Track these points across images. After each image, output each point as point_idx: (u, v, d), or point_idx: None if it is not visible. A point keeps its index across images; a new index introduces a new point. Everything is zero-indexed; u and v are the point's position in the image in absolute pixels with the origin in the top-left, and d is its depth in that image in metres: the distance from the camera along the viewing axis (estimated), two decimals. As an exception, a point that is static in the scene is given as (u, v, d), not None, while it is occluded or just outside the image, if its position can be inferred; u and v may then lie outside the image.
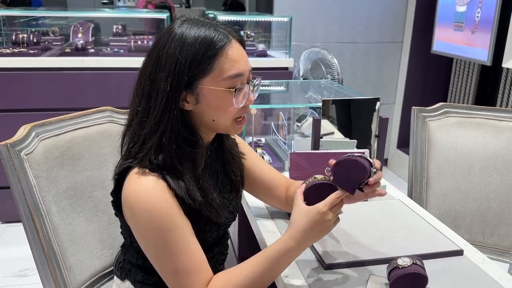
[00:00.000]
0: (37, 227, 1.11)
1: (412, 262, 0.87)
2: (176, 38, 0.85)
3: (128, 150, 0.90)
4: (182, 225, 0.86)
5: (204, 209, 0.90)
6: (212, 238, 1.00)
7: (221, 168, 1.03)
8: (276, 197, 1.18)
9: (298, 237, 0.87)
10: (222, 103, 0.88)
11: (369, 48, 3.57)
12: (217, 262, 1.07)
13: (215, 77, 0.86)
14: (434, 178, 1.54)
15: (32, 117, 1.47)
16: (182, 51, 0.83)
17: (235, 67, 0.87)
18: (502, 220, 1.49)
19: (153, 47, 0.89)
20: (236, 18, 3.02)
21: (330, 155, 1.31)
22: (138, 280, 1.00)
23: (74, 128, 1.25)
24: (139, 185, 0.85)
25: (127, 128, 0.92)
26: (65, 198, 1.20)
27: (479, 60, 2.89)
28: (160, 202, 0.84)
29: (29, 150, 1.12)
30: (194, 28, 0.85)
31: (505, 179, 1.48)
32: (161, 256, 0.87)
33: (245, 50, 0.91)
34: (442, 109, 1.55)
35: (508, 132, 1.49)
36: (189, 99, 0.87)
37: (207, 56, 0.84)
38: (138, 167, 0.86)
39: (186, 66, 0.83)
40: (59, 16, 3.11)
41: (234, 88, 0.87)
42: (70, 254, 1.19)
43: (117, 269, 1.07)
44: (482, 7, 2.81)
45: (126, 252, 1.04)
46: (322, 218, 0.86)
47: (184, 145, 0.87)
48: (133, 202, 0.85)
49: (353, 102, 1.55)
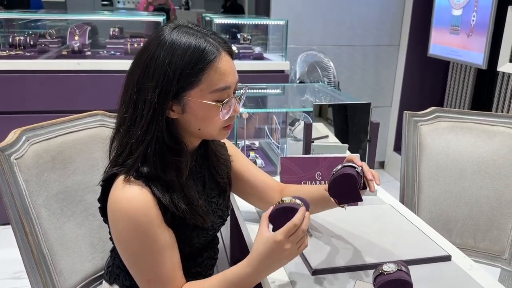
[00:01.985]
0: (26, 231, 1.12)
1: (397, 268, 0.87)
2: (166, 47, 0.84)
3: (116, 158, 0.90)
4: (159, 238, 0.88)
5: (188, 216, 0.91)
6: (200, 243, 1.00)
7: (208, 172, 1.04)
8: (268, 201, 1.17)
9: (255, 264, 0.86)
10: (208, 115, 0.88)
11: (366, 51, 3.58)
12: (206, 267, 1.07)
13: (203, 90, 0.86)
14: (426, 182, 1.55)
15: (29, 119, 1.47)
16: (171, 63, 0.83)
17: (223, 80, 0.87)
18: (493, 225, 1.49)
19: (142, 53, 0.88)
20: (233, 21, 3.03)
21: (320, 159, 1.31)
22: (126, 285, 1.01)
23: (65, 132, 1.25)
24: (123, 194, 0.86)
25: (115, 133, 0.93)
26: (56, 202, 1.21)
27: (474, 64, 2.90)
28: (141, 215, 0.85)
29: (19, 154, 1.12)
30: (184, 38, 0.84)
31: (496, 183, 1.48)
32: (135, 265, 0.90)
33: (233, 61, 0.91)
34: (434, 113, 1.55)
35: (499, 136, 1.49)
36: (175, 108, 0.87)
37: (196, 70, 0.84)
38: (124, 175, 0.87)
39: (174, 78, 0.83)
40: (57, 18, 3.12)
41: (221, 101, 0.87)
42: (60, 258, 1.20)
43: (106, 273, 1.08)
44: (478, 11, 2.82)
45: (115, 257, 1.04)
46: (279, 247, 0.84)
47: (169, 154, 0.88)
48: (116, 210, 0.87)
49: (345, 106, 1.56)
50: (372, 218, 1.26)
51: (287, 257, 0.86)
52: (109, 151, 0.95)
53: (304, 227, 0.85)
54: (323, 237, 1.13)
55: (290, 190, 1.17)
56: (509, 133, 1.48)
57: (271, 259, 0.85)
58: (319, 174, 1.31)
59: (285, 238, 0.83)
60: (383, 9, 3.52)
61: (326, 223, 1.20)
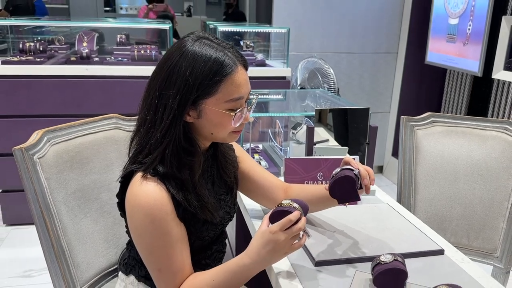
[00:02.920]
0: (47, 226, 1.19)
1: (393, 259, 0.95)
2: (188, 58, 0.91)
3: (135, 156, 0.98)
4: (172, 232, 0.95)
5: (199, 211, 0.99)
6: (209, 237, 1.08)
7: (216, 172, 1.11)
8: (273, 199, 1.25)
9: (252, 255, 0.94)
10: (221, 122, 0.96)
11: (365, 58, 3.67)
12: (215, 260, 1.15)
13: (219, 99, 0.94)
14: (422, 183, 1.63)
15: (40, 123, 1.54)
16: (192, 73, 0.91)
17: (237, 92, 0.95)
18: (486, 224, 1.57)
19: (165, 61, 0.95)
20: (236, 29, 3.12)
21: (322, 161, 1.40)
22: (142, 275, 1.08)
23: (83, 134, 1.33)
24: (141, 189, 0.93)
25: (135, 133, 1.01)
26: (74, 199, 1.28)
27: (470, 71, 2.98)
28: (157, 209, 0.93)
29: (41, 154, 1.20)
30: (205, 50, 0.92)
31: (489, 185, 1.56)
32: (149, 255, 0.97)
33: (247, 73, 0.99)
34: (430, 118, 1.63)
35: (491, 140, 1.57)
36: (191, 113, 0.95)
37: (215, 81, 0.92)
38: (142, 172, 0.95)
39: (194, 87, 0.91)
40: (65, 25, 3.21)
41: (234, 111, 0.95)
42: (78, 252, 1.27)
43: (122, 265, 1.15)
44: (473, 20, 2.91)
45: (131, 249, 1.12)
46: (273, 238, 0.91)
47: (184, 155, 0.96)
48: (134, 205, 0.95)
49: (345, 111, 1.64)
50: (371, 216, 1.34)
51: (281, 249, 0.92)
52: (128, 149, 1.03)
53: (300, 226, 0.92)
54: (325, 232, 1.21)
55: (293, 189, 1.25)
56: (500, 137, 1.56)
57: (266, 250, 0.92)
58: (320, 174, 1.39)
59: (280, 230, 0.91)
60: (381, 18, 3.61)
61: (328, 220, 1.28)
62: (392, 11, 3.62)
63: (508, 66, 2.67)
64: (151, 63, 2.82)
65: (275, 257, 0.94)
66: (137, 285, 1.09)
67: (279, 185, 1.25)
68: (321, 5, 3.47)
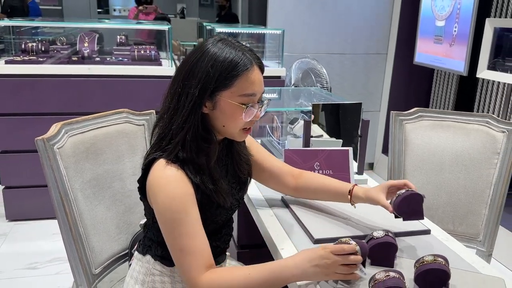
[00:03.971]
0: (66, 211, 1.28)
1: (385, 234, 1.06)
2: (211, 53, 1.03)
3: (158, 142, 1.08)
4: (192, 212, 1.04)
5: (214, 195, 1.09)
6: (222, 220, 1.18)
7: (231, 163, 1.21)
8: (283, 185, 1.36)
9: (296, 260, 1.00)
10: (233, 114, 1.06)
11: (356, 59, 3.80)
12: (224, 242, 1.25)
13: (233, 92, 1.04)
14: (410, 173, 1.75)
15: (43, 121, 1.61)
16: (213, 66, 1.02)
17: (251, 88, 1.05)
18: (469, 211, 1.69)
19: (190, 56, 1.07)
20: (233, 30, 3.22)
21: (318, 151, 1.51)
22: (158, 255, 1.17)
23: (97, 127, 1.43)
24: (163, 174, 1.03)
25: (158, 120, 1.11)
26: (89, 188, 1.38)
27: (456, 71, 3.12)
28: (178, 191, 1.02)
29: (60, 144, 1.30)
30: (226, 48, 1.04)
31: (472, 174, 1.69)
32: (171, 234, 1.03)
33: (262, 74, 1.10)
34: (417, 113, 1.76)
35: (474, 133, 1.70)
36: (207, 104, 1.06)
37: (232, 75, 1.02)
38: (164, 159, 1.05)
39: (214, 78, 1.02)
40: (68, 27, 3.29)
41: (246, 105, 1.05)
42: (93, 237, 1.37)
43: (138, 245, 1.24)
44: (459, 22, 3.05)
45: (148, 230, 1.20)
46: (321, 254, 0.96)
47: (201, 141, 1.06)
48: (157, 187, 1.04)
49: (339, 106, 1.76)
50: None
51: (324, 269, 0.96)
52: (151, 135, 1.13)
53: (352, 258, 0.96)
54: (322, 214, 1.32)
55: (305, 176, 1.35)
56: (482, 130, 1.69)
57: (311, 263, 0.97)
58: (317, 164, 1.50)
59: (330, 251, 0.96)
60: (372, 20, 3.75)
61: (325, 203, 1.38)
62: (382, 14, 3.75)
63: (491, 66, 2.81)
64: (150, 63, 2.92)
65: (315, 274, 0.98)
66: (153, 264, 1.17)
67: (288, 171, 1.36)
68: (314, 8, 3.59)
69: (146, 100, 2.78)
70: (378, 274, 0.92)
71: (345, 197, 1.26)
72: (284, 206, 1.41)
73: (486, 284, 1.03)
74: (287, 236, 1.23)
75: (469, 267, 1.11)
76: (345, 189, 1.27)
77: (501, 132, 1.64)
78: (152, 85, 2.82)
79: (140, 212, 1.53)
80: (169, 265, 1.15)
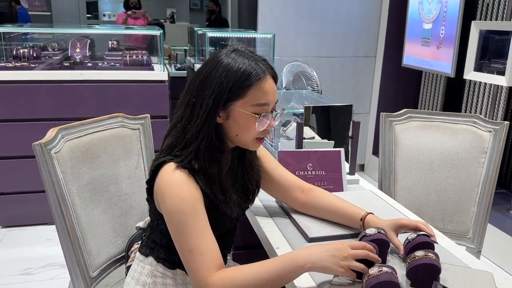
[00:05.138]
0: (64, 215, 1.30)
1: (377, 231, 1.10)
2: (225, 63, 1.04)
3: (170, 149, 1.08)
4: (201, 213, 1.04)
5: (222, 205, 1.09)
6: (226, 229, 1.19)
7: (241, 173, 1.22)
8: (291, 198, 1.35)
9: (312, 250, 0.99)
10: (246, 124, 1.07)
11: (346, 62, 3.85)
12: (226, 248, 1.25)
13: (246, 102, 1.05)
14: (401, 173, 1.79)
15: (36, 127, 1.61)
16: (227, 76, 1.03)
17: (264, 98, 1.06)
18: (459, 209, 1.74)
19: (204, 66, 1.08)
20: (224, 35, 3.26)
21: (311, 153, 1.54)
22: (161, 257, 1.17)
23: (93, 131, 1.44)
24: (173, 176, 1.03)
25: (171, 129, 1.11)
26: (86, 191, 1.39)
27: (444, 73, 3.18)
28: (187, 192, 1.02)
29: (57, 149, 1.31)
30: (240, 58, 1.05)
31: (460, 173, 1.73)
32: (180, 235, 1.02)
33: (276, 84, 1.10)
34: (406, 114, 1.80)
35: (462, 133, 1.74)
36: (221, 114, 1.06)
37: (245, 85, 1.03)
38: (174, 163, 1.05)
39: (227, 88, 1.03)
40: (57, 32, 3.30)
41: (259, 114, 1.06)
42: (90, 240, 1.38)
43: (141, 246, 1.24)
44: (446, 25, 3.11)
45: (152, 232, 1.20)
46: (338, 247, 0.97)
47: (214, 151, 1.07)
48: (166, 189, 1.04)
49: (331, 108, 1.80)
50: (356, 199, 1.47)
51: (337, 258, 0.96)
52: (162, 143, 1.13)
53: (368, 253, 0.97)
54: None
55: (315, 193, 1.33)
56: (470, 130, 1.74)
57: (328, 252, 0.97)
58: (310, 165, 1.53)
59: (349, 245, 0.98)
60: (360, 24, 3.80)
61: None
62: (370, 17, 3.81)
63: (478, 68, 2.87)
64: (142, 67, 2.93)
65: (332, 263, 0.96)
66: (155, 266, 1.17)
67: (298, 185, 1.34)
68: (304, 12, 3.64)
69: (139, 104, 2.80)
70: (371, 269, 0.95)
71: (356, 223, 1.24)
72: (279, 207, 1.44)
73: (475, 278, 1.07)
74: (282, 235, 1.26)
75: (459, 262, 1.15)
76: (357, 215, 1.24)
77: (488, 131, 1.69)
78: (145, 89, 2.84)
79: (136, 215, 1.55)
80: (171, 268, 1.16)
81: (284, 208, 1.40)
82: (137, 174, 1.57)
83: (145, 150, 1.59)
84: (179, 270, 1.16)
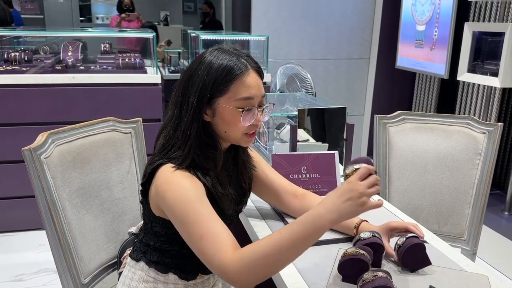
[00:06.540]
0: (54, 221, 1.27)
1: (372, 235, 1.08)
2: (207, 62, 1.05)
3: (165, 151, 1.08)
4: (205, 201, 1.02)
5: (222, 200, 1.09)
6: None
7: (235, 174, 1.22)
8: (284, 203, 1.33)
9: (327, 204, 0.90)
10: (232, 119, 1.06)
11: (339, 64, 3.85)
12: None
13: (230, 97, 1.05)
14: (395, 176, 1.78)
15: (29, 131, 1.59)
16: (209, 73, 1.04)
17: (247, 92, 1.05)
18: (453, 211, 1.73)
19: (188, 68, 1.09)
20: (217, 37, 3.25)
21: (305, 156, 1.53)
22: (153, 261, 1.15)
23: (83, 136, 1.42)
24: (173, 175, 1.02)
25: (162, 129, 1.11)
26: (77, 197, 1.37)
27: (438, 74, 3.19)
28: (189, 183, 1.01)
29: (47, 154, 1.29)
30: (221, 55, 1.05)
31: (455, 175, 1.73)
32: (187, 225, 0.98)
33: (261, 79, 1.09)
34: (400, 116, 1.79)
35: (456, 135, 1.74)
36: (208, 112, 1.07)
37: (226, 80, 1.04)
38: (172, 164, 1.04)
39: (209, 85, 1.03)
40: (50, 35, 3.27)
41: (243, 108, 1.06)
42: (81, 246, 1.36)
43: (132, 252, 1.22)
44: (439, 27, 3.12)
45: (145, 235, 1.18)
46: (349, 187, 0.90)
47: (207, 148, 1.07)
48: (166, 184, 1.02)
49: (325, 111, 1.79)
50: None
51: (357, 199, 0.89)
52: (154, 144, 1.13)
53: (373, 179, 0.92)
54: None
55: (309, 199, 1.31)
56: (464, 132, 1.73)
57: (341, 199, 0.89)
58: (304, 168, 1.52)
59: (356, 179, 0.91)
60: (354, 27, 3.81)
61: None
62: (363, 20, 3.82)
63: (471, 69, 2.88)
64: (135, 70, 2.91)
65: (351, 207, 0.90)
66: (147, 270, 1.15)
67: (291, 191, 1.33)
68: (297, 14, 3.63)
69: (132, 108, 2.78)
70: (366, 274, 0.93)
71: (350, 230, 1.22)
72: (271, 209, 1.43)
73: (471, 281, 1.06)
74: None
75: (454, 265, 1.14)
76: (350, 223, 1.22)
77: (482, 133, 1.69)
78: (137, 92, 2.82)
79: (128, 220, 1.53)
80: (164, 272, 1.14)
81: (277, 211, 1.39)
82: (129, 178, 1.55)
83: (137, 154, 1.57)
84: (171, 274, 1.14)
